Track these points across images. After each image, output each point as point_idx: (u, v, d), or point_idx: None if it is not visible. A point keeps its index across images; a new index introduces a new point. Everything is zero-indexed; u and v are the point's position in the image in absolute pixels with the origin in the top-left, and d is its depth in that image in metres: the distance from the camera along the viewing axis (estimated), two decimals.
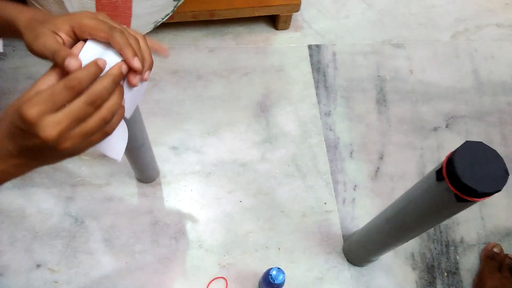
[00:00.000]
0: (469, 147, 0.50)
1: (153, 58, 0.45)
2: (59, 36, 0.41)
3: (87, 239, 0.86)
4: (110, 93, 0.38)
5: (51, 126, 0.35)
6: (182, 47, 1.08)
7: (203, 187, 0.94)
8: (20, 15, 0.43)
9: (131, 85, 0.42)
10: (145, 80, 0.44)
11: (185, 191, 0.93)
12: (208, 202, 0.92)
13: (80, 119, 0.37)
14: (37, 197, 0.89)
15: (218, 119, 1.01)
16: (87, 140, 0.39)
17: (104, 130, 0.39)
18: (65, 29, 0.41)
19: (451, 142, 1.04)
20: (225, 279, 0.85)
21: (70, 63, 0.37)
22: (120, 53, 0.41)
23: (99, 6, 0.84)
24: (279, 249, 0.89)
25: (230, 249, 0.88)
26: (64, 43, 0.41)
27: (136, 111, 0.64)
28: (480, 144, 0.50)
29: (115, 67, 0.39)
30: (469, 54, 1.17)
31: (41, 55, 0.40)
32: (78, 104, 0.36)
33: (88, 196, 0.90)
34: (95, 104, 0.37)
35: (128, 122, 0.63)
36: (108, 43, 0.41)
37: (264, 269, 0.85)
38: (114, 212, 0.89)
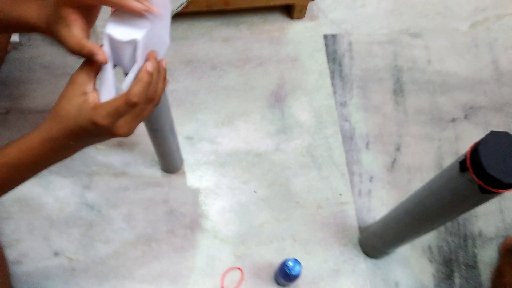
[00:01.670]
0: (494, 137, 0.49)
1: (167, 48, 0.51)
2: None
3: (103, 228, 0.87)
4: (158, 84, 0.46)
5: (122, 127, 0.44)
6: (196, 37, 1.08)
7: (217, 177, 0.94)
8: (38, 15, 0.47)
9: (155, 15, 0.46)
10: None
11: (200, 181, 0.93)
12: (223, 192, 0.92)
13: (141, 113, 0.45)
14: (54, 186, 0.90)
15: (233, 109, 1.00)
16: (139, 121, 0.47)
17: (153, 107, 0.48)
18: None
19: (470, 134, 1.02)
20: (241, 270, 0.85)
21: (99, 58, 0.43)
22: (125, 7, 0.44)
23: None
24: (294, 240, 0.89)
25: (245, 240, 0.88)
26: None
27: (165, 96, 0.64)
28: (505, 134, 0.49)
29: (152, 62, 0.44)
30: (488, 44, 1.15)
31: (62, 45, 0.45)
32: (139, 106, 0.44)
33: (104, 185, 0.90)
34: (150, 100, 0.45)
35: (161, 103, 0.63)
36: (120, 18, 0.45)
37: (280, 260, 0.85)
38: (130, 201, 0.89)
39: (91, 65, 0.44)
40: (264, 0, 1.03)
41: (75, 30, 0.43)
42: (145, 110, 0.46)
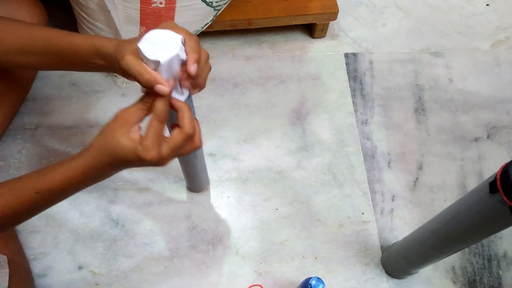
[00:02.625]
0: None
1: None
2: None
3: (127, 242, 0.88)
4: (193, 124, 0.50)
5: (165, 159, 0.48)
6: (219, 56, 1.10)
7: (239, 194, 0.94)
8: (108, 41, 0.52)
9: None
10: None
11: (222, 197, 0.94)
12: (245, 209, 0.93)
13: (180, 148, 0.49)
14: (80, 201, 0.91)
15: (254, 127, 1.02)
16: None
17: (194, 148, 0.52)
18: None
19: (493, 153, 1.01)
20: (262, 287, 0.85)
21: (161, 89, 0.46)
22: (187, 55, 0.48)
23: (143, 15, 0.86)
24: (316, 258, 0.89)
25: (267, 257, 0.88)
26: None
27: None
28: None
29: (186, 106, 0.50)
30: (510, 63, 1.14)
31: (126, 73, 0.48)
32: (177, 139, 0.49)
33: (129, 200, 0.92)
34: (191, 137, 0.50)
35: None
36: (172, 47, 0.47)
37: (301, 278, 0.84)
38: (153, 217, 0.91)
39: (144, 105, 0.48)
40: (287, 20, 1.05)
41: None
42: (183, 144, 0.49)
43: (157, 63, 0.45)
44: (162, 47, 0.46)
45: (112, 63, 0.50)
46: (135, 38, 0.49)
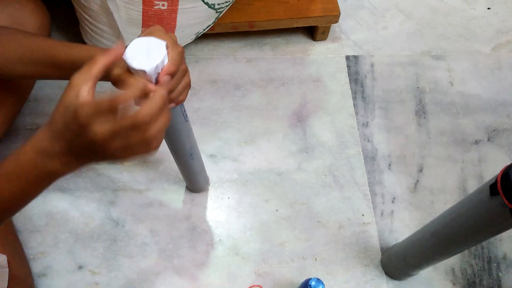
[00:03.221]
0: None
1: (189, 68, 0.53)
2: None
3: (127, 243, 0.88)
4: (155, 118, 0.42)
5: (99, 131, 0.40)
6: (221, 58, 1.10)
7: (240, 195, 0.94)
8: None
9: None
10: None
11: (222, 198, 0.94)
12: (245, 210, 0.93)
13: (126, 135, 0.41)
14: (80, 201, 0.92)
15: (255, 128, 1.02)
16: (130, 151, 0.42)
17: (148, 148, 0.43)
18: None
19: (494, 156, 1.01)
20: None
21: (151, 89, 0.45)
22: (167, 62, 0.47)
23: (146, 17, 0.86)
24: (316, 259, 0.89)
25: (267, 258, 0.88)
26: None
27: (185, 125, 0.66)
28: None
29: (160, 95, 0.42)
30: (511, 66, 1.15)
31: (117, 85, 0.48)
32: (126, 123, 0.40)
33: (129, 201, 0.92)
34: (141, 128, 0.41)
35: (177, 130, 0.65)
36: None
37: (301, 279, 0.84)
38: (154, 217, 0.91)
39: (92, 65, 0.42)
40: (289, 22, 1.06)
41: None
42: (132, 136, 0.41)
43: (143, 72, 0.46)
44: (147, 55, 0.46)
45: (107, 74, 0.48)
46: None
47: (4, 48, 0.59)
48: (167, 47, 0.47)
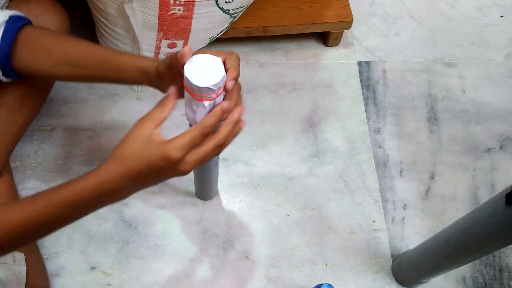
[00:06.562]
0: None
1: None
2: None
3: (139, 244, 0.89)
4: (232, 134, 0.50)
5: (189, 163, 0.45)
6: None
7: (251, 199, 0.95)
8: (152, 62, 0.56)
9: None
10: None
11: (233, 202, 0.95)
12: (256, 214, 0.94)
13: (207, 154, 0.47)
14: None
15: (267, 133, 1.03)
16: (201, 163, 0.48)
17: (217, 155, 0.50)
18: None
19: (506, 165, 1.01)
20: None
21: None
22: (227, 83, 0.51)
23: (161, 22, 0.87)
24: (326, 265, 0.89)
25: (277, 262, 0.89)
26: None
27: None
28: None
29: (236, 113, 0.50)
30: None
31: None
32: (208, 147, 0.47)
33: (142, 203, 0.93)
34: (221, 147, 0.48)
35: None
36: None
37: (311, 284, 0.85)
38: (166, 219, 0.92)
39: (161, 112, 0.47)
40: (302, 28, 1.06)
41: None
42: (211, 153, 0.47)
43: (207, 89, 0.47)
44: (207, 72, 0.47)
45: (158, 84, 0.54)
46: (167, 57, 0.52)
47: (52, 49, 0.62)
48: (224, 61, 0.49)
